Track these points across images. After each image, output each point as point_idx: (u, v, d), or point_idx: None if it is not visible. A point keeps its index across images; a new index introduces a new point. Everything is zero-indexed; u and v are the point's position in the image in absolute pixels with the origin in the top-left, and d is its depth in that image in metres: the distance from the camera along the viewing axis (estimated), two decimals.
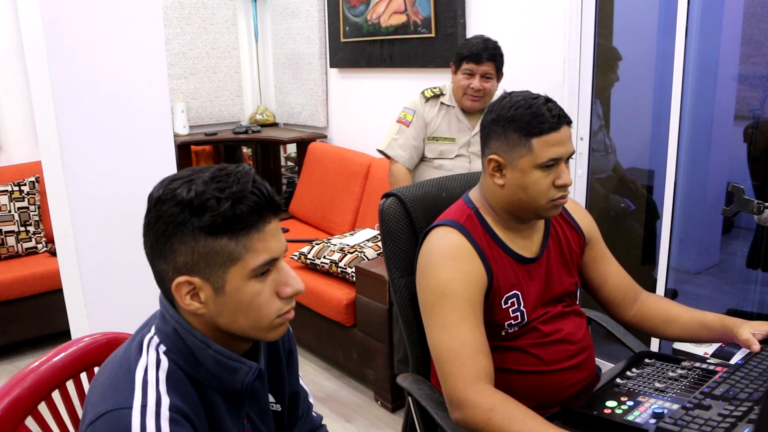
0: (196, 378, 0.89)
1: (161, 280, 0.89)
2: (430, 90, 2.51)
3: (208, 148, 4.30)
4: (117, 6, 1.99)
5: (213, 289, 0.86)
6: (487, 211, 1.38)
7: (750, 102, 2.60)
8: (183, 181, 0.85)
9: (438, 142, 2.47)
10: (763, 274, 2.59)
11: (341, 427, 2.45)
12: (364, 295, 2.53)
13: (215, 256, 0.84)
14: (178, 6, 3.94)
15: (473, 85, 2.34)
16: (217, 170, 0.86)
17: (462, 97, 2.39)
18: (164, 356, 0.87)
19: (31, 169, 3.38)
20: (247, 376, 0.91)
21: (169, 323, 0.89)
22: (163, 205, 0.84)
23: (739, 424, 1.02)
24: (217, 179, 0.84)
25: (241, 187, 0.84)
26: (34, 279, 3.02)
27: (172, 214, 0.83)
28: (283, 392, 1.07)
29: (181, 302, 0.86)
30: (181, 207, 0.83)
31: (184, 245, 0.84)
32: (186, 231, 0.83)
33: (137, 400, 0.81)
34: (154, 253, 0.87)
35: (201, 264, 0.84)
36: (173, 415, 0.81)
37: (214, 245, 0.83)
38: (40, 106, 1.92)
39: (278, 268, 0.89)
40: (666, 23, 2.49)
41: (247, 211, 0.83)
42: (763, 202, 1.42)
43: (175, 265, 0.85)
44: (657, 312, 1.47)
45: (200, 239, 0.83)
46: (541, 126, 1.25)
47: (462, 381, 1.20)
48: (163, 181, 0.88)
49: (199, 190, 0.83)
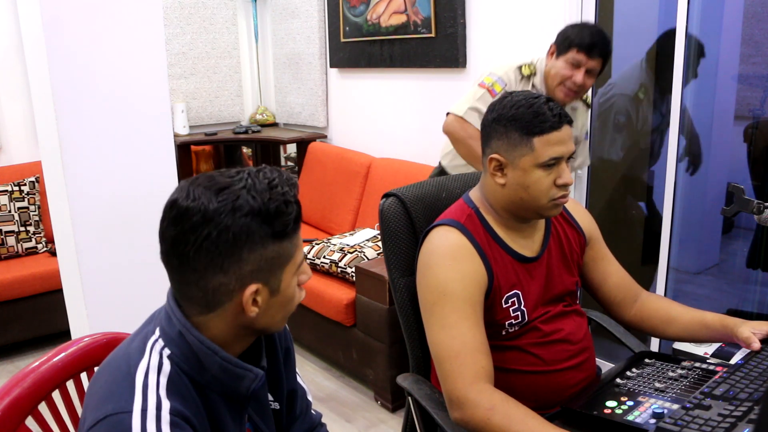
0: (199, 381, 0.88)
1: (215, 293, 0.85)
2: (528, 67, 2.19)
3: (208, 148, 4.30)
4: (117, 6, 1.99)
5: (270, 291, 0.88)
6: (487, 210, 1.38)
7: (750, 102, 2.60)
8: (234, 190, 0.83)
9: None
10: (763, 274, 2.59)
11: (341, 427, 2.45)
12: (364, 295, 2.53)
13: (278, 259, 0.87)
14: (178, 6, 3.94)
15: (576, 78, 2.05)
16: (261, 175, 0.86)
17: (557, 87, 2.11)
18: (167, 359, 0.87)
19: (31, 169, 3.38)
20: (253, 383, 0.91)
21: (175, 326, 0.88)
22: (226, 217, 0.82)
23: (739, 424, 1.02)
24: (272, 184, 0.85)
25: (291, 188, 0.87)
26: (34, 279, 3.02)
27: (242, 225, 0.82)
28: (281, 390, 1.07)
29: (248, 311, 0.86)
30: (251, 216, 0.83)
31: (254, 253, 0.84)
32: (256, 239, 0.84)
33: (137, 403, 0.81)
34: (209, 268, 0.83)
35: (265, 269, 0.86)
36: (174, 418, 0.81)
37: (279, 249, 0.86)
38: (40, 106, 1.92)
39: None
40: (666, 23, 2.49)
41: (299, 210, 0.88)
42: (763, 202, 1.42)
43: (241, 275, 0.84)
44: (657, 312, 1.48)
45: (268, 245, 0.85)
46: (542, 125, 1.26)
47: (462, 381, 1.20)
48: (200, 196, 0.82)
49: (264, 197, 0.83)
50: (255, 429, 0.99)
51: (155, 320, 0.93)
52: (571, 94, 2.10)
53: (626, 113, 2.74)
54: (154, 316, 0.95)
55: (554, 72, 2.10)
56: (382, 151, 3.46)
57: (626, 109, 2.73)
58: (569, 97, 2.12)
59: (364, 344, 2.58)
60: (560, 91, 2.10)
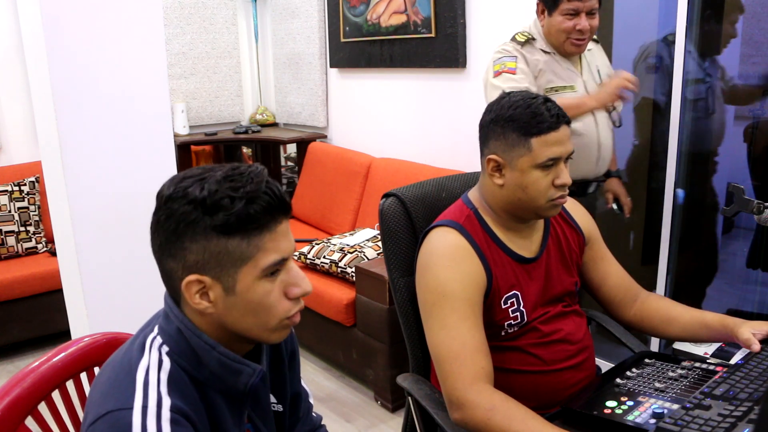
0: (198, 378, 0.88)
1: (169, 278, 0.88)
2: (521, 34, 2.08)
3: (208, 148, 4.31)
4: (117, 6, 1.99)
5: (223, 289, 0.85)
6: (486, 211, 1.38)
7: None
8: (195, 179, 0.84)
9: (558, 93, 2.03)
10: (763, 274, 2.59)
11: (341, 427, 2.45)
12: (364, 295, 2.53)
13: (227, 255, 0.84)
14: (178, 6, 3.94)
15: (580, 26, 1.94)
16: (230, 169, 0.86)
17: (565, 41, 2.00)
18: (166, 357, 0.87)
19: (31, 169, 3.38)
20: (250, 378, 0.90)
21: (173, 323, 0.89)
22: (174, 203, 0.83)
23: (739, 424, 1.03)
24: (230, 178, 0.84)
25: (255, 186, 0.83)
26: (34, 279, 3.02)
27: (183, 213, 0.82)
28: (285, 393, 1.07)
29: (191, 301, 0.86)
30: (194, 205, 0.82)
31: (195, 244, 0.83)
32: (198, 230, 0.83)
33: (138, 400, 0.81)
34: (163, 251, 0.86)
35: (212, 263, 0.84)
36: (174, 415, 0.81)
37: (226, 245, 0.83)
38: (40, 106, 1.92)
39: (288, 268, 0.89)
40: (666, 23, 2.49)
41: (261, 210, 0.83)
42: (763, 202, 1.42)
43: (185, 263, 0.84)
44: (657, 312, 1.47)
45: (212, 238, 0.83)
46: (540, 126, 1.26)
47: (461, 381, 1.20)
48: (173, 178, 0.87)
49: (212, 188, 0.82)
50: (255, 430, 0.99)
51: (154, 320, 0.94)
52: (581, 43, 2.00)
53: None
54: (157, 315, 0.96)
55: (555, 30, 2.00)
56: (382, 151, 3.46)
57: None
58: (581, 46, 2.01)
59: (364, 344, 2.58)
60: (570, 45, 2.00)
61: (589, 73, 2.13)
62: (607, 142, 2.14)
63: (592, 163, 2.13)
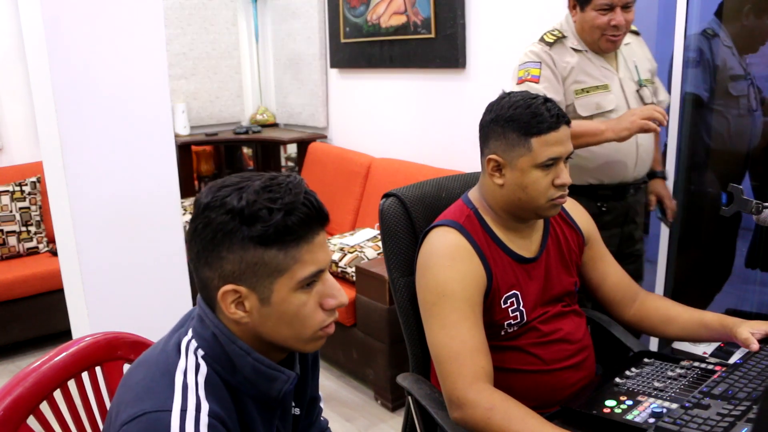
0: (231, 384, 0.88)
1: (205, 287, 0.88)
2: (550, 34, 1.95)
3: (209, 149, 4.31)
4: (118, 7, 1.99)
5: (259, 299, 0.85)
6: (486, 211, 1.38)
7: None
8: (233, 188, 0.84)
9: (590, 94, 1.92)
10: (762, 274, 2.59)
11: (341, 426, 2.45)
12: (364, 294, 2.54)
13: (263, 266, 0.83)
14: (179, 6, 3.94)
15: (615, 21, 1.82)
16: (269, 179, 0.85)
17: (599, 38, 1.88)
18: (203, 361, 0.86)
19: (32, 170, 3.38)
20: (285, 385, 0.90)
21: (208, 328, 0.88)
22: (212, 212, 0.83)
23: (737, 423, 1.03)
24: (268, 189, 0.83)
25: (293, 198, 0.83)
26: (35, 279, 3.02)
27: (221, 222, 0.82)
28: (305, 397, 1.07)
29: (226, 311, 0.85)
30: (231, 215, 0.82)
31: (233, 254, 0.83)
32: (235, 240, 0.82)
33: (177, 403, 0.80)
34: (200, 259, 0.85)
35: (248, 273, 0.83)
36: (212, 421, 0.81)
37: (263, 255, 0.83)
38: (41, 106, 1.92)
39: (324, 279, 0.88)
40: (666, 23, 2.49)
41: (298, 222, 0.83)
42: (762, 203, 1.42)
43: (222, 273, 0.84)
44: (656, 311, 1.48)
45: (249, 249, 0.82)
46: (540, 125, 1.26)
47: (461, 380, 1.21)
48: (211, 187, 0.86)
49: (250, 199, 0.82)
50: None
51: (187, 322, 0.93)
52: (616, 39, 1.88)
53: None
54: (186, 318, 0.95)
55: (589, 26, 1.88)
56: (382, 151, 3.46)
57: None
58: (616, 43, 1.90)
59: (364, 344, 2.59)
60: (605, 42, 1.89)
61: (626, 69, 1.98)
62: (646, 142, 1.97)
63: (630, 166, 1.96)
